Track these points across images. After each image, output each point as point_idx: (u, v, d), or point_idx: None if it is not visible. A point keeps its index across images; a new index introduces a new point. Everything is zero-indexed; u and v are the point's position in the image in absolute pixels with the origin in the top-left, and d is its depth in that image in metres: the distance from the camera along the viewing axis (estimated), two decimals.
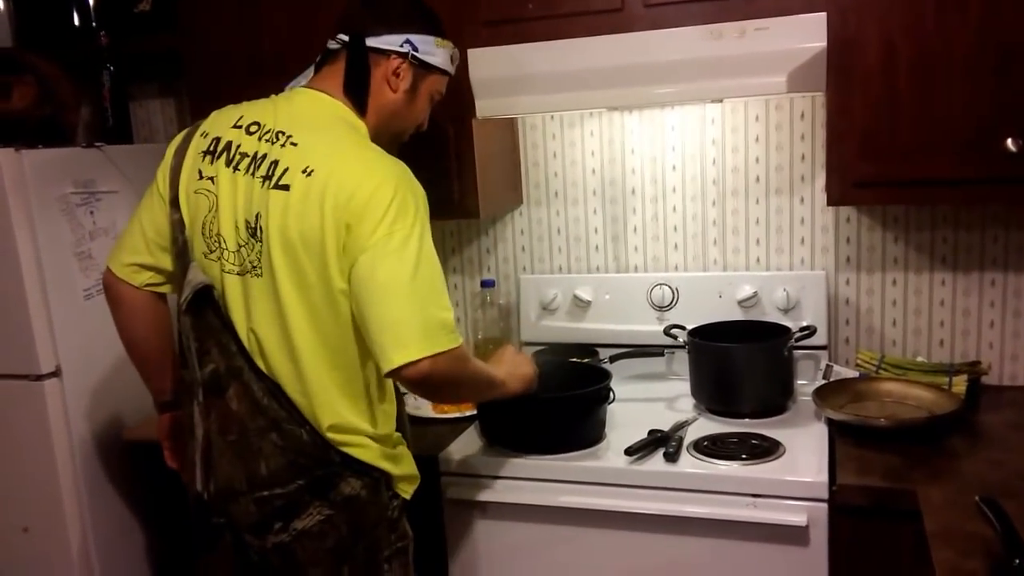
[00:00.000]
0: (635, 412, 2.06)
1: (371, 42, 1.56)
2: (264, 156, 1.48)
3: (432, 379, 1.41)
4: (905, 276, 2.21)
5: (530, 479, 1.83)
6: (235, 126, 1.54)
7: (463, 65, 2.01)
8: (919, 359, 2.19)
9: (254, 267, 1.48)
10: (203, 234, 1.53)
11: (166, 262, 1.62)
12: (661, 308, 2.30)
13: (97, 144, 2.27)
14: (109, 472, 2.30)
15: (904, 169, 1.82)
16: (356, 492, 1.51)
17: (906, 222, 2.18)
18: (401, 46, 1.57)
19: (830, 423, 1.91)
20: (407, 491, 1.61)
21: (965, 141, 1.76)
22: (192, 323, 1.53)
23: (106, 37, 2.47)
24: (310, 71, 1.64)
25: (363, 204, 1.41)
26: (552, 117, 2.41)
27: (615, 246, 2.43)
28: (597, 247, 2.45)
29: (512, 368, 1.72)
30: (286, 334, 1.47)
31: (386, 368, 1.40)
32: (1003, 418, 1.95)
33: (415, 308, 1.40)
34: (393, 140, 1.65)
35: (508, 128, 2.39)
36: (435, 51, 1.63)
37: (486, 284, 2.49)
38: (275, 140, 1.49)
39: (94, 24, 2.48)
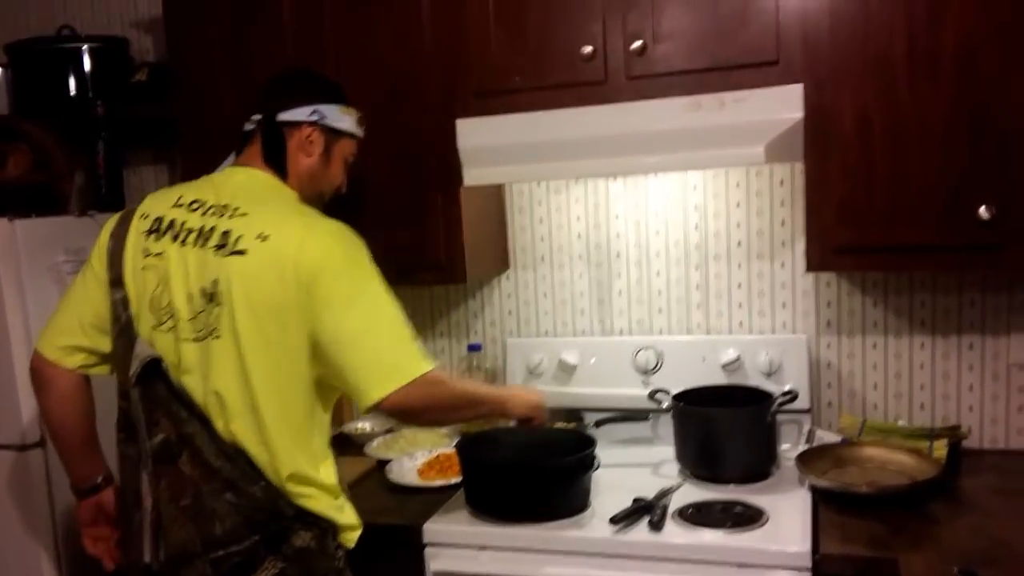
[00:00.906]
0: (621, 477, 2.06)
1: (282, 116, 1.72)
2: (213, 228, 1.59)
3: (409, 406, 1.58)
4: (885, 340, 2.24)
5: (515, 549, 1.82)
6: (176, 205, 1.65)
7: (452, 134, 2.07)
8: (900, 423, 2.20)
9: (213, 330, 1.56)
10: (152, 308, 1.61)
11: (103, 343, 1.67)
12: (646, 372, 2.32)
13: (89, 212, 2.31)
14: None
15: (881, 236, 1.86)
16: (307, 544, 1.59)
17: (885, 286, 2.22)
18: (310, 115, 1.73)
19: (813, 489, 1.92)
20: (351, 540, 1.68)
21: (940, 209, 1.80)
22: (141, 395, 1.59)
23: (102, 107, 2.51)
24: (232, 156, 1.78)
25: (320, 265, 1.54)
26: (538, 183, 2.45)
27: (600, 309, 2.46)
28: (583, 311, 2.47)
29: (516, 391, 1.86)
30: (249, 391, 1.55)
31: (366, 404, 1.56)
32: (984, 483, 1.96)
33: (385, 346, 1.58)
34: (318, 203, 1.77)
35: (495, 193, 2.43)
36: (342, 117, 1.78)
37: (473, 348, 2.51)
38: (223, 213, 1.60)
39: (91, 94, 2.53)
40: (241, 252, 1.55)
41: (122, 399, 1.63)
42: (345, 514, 1.66)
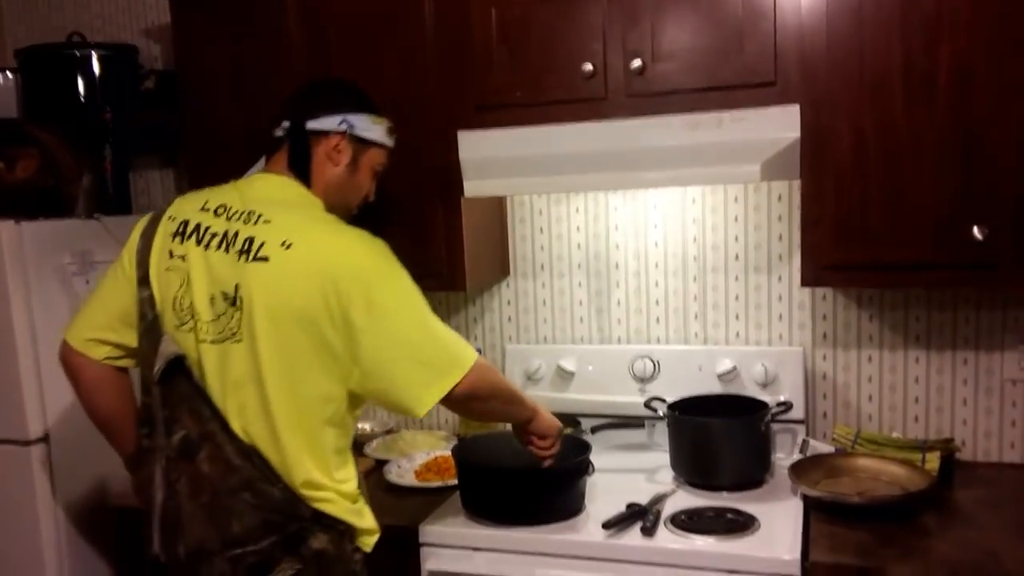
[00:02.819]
0: (616, 483, 2.10)
1: (311, 124, 1.73)
2: (237, 233, 1.60)
3: (477, 390, 1.64)
4: (880, 353, 2.26)
5: (509, 551, 1.86)
6: (202, 209, 1.67)
7: (452, 146, 2.10)
8: (895, 435, 2.23)
9: (233, 334, 1.57)
10: (174, 308, 1.63)
11: (129, 338, 1.69)
12: (643, 380, 2.35)
13: (96, 216, 2.34)
14: (94, 539, 2.31)
15: (876, 254, 1.89)
16: (324, 546, 1.60)
17: (880, 301, 2.25)
18: (339, 125, 1.74)
19: (805, 498, 1.95)
20: (368, 544, 1.69)
21: (934, 228, 1.83)
22: (162, 392, 1.61)
23: (111, 113, 2.55)
24: (262, 162, 1.79)
25: (350, 274, 1.55)
26: (539, 194, 2.48)
27: (599, 318, 2.49)
28: (581, 319, 2.51)
29: (545, 410, 1.88)
30: (263, 396, 1.56)
31: (434, 397, 1.59)
32: (975, 495, 1.98)
33: (440, 342, 1.62)
34: (344, 212, 1.78)
35: (496, 203, 2.47)
36: (371, 127, 1.79)
37: None
38: (248, 219, 1.62)
39: (99, 100, 2.56)
40: (264, 259, 1.56)
41: (145, 394, 1.66)
42: (364, 518, 1.67)
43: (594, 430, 2.22)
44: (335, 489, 1.62)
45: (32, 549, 2.21)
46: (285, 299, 1.55)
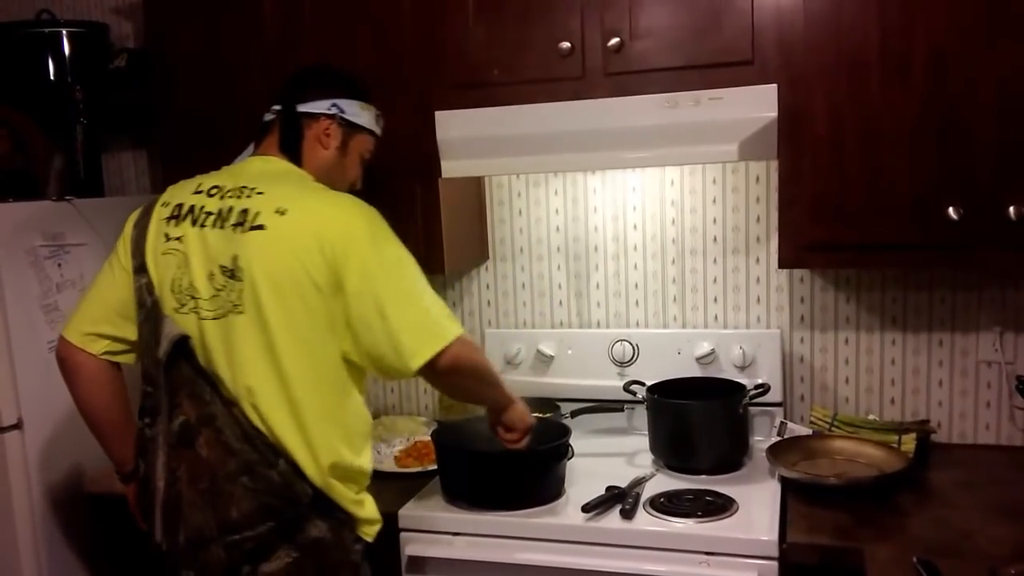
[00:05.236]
0: (595, 467, 2.10)
1: (302, 107, 1.73)
2: (231, 208, 1.60)
3: (460, 363, 1.59)
4: (857, 335, 2.27)
5: (489, 535, 1.85)
6: (195, 192, 1.67)
7: (430, 126, 2.08)
8: (871, 417, 2.24)
9: (236, 306, 1.56)
10: (172, 291, 1.61)
11: (128, 331, 1.68)
12: (622, 364, 2.35)
13: (67, 198, 2.30)
14: (69, 525, 2.28)
15: (853, 234, 1.89)
16: (322, 535, 1.58)
17: (857, 283, 2.25)
18: (329, 108, 1.75)
19: (783, 480, 1.96)
20: (370, 534, 1.67)
21: (910, 208, 1.83)
22: (166, 376, 1.59)
23: (81, 92, 2.51)
24: (251, 148, 1.79)
25: (346, 237, 1.56)
26: (518, 176, 2.47)
27: (578, 302, 2.48)
28: (561, 302, 2.50)
29: (521, 403, 1.83)
30: (278, 368, 1.55)
31: (416, 364, 1.55)
32: (950, 476, 2.00)
33: (424, 308, 1.59)
34: None
35: (475, 186, 2.45)
36: (360, 113, 1.80)
37: None
38: (240, 195, 1.62)
39: (70, 79, 2.52)
40: (260, 227, 1.56)
41: (146, 383, 1.64)
42: (365, 508, 1.66)
43: (573, 414, 2.21)
44: (356, 468, 1.62)
45: (7, 536, 2.18)
46: (286, 265, 1.54)
